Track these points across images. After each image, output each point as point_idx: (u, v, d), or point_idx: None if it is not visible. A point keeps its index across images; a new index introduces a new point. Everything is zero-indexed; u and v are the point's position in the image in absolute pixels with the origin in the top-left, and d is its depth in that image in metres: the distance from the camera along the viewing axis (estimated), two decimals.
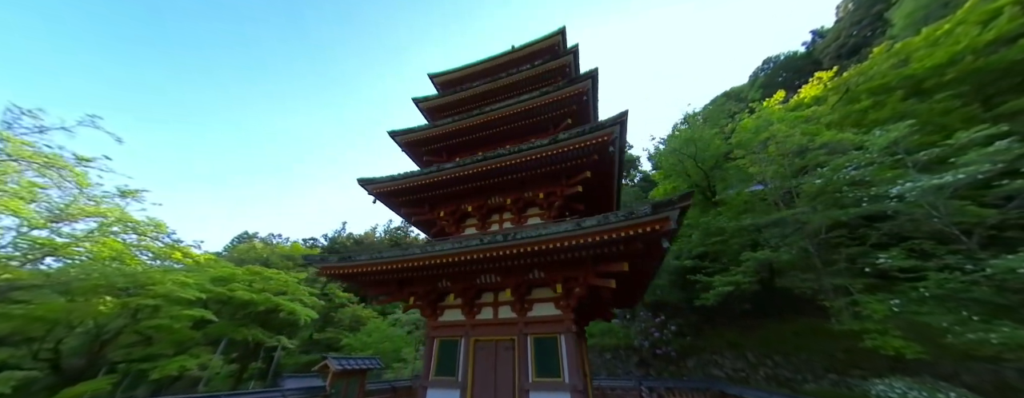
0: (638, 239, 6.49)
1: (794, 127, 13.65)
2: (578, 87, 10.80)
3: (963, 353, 9.61)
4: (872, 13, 28.92)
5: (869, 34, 28.66)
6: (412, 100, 15.31)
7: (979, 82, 14.27)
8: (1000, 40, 14.42)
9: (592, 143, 8.76)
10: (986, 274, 7.59)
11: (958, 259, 8.51)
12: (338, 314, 25.70)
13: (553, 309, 8.55)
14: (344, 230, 58.08)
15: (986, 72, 14.37)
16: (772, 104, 18.76)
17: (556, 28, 14.84)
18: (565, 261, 7.73)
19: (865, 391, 9.11)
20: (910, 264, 9.05)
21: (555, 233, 6.72)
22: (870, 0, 30.27)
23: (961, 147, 9.33)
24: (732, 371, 12.70)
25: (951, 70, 15.23)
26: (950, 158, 9.67)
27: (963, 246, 8.96)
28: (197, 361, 15.56)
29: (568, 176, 9.94)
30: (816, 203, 11.91)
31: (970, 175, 8.31)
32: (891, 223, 10.60)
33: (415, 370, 18.26)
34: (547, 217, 10.63)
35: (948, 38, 16.21)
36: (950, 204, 9.33)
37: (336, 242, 51.10)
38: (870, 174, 10.99)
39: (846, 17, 32.94)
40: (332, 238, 54.38)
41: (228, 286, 17.95)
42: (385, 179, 10.95)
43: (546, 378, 7.55)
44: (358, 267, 8.54)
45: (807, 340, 12.00)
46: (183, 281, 15.22)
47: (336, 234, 56.32)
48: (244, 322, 18.88)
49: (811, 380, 11.13)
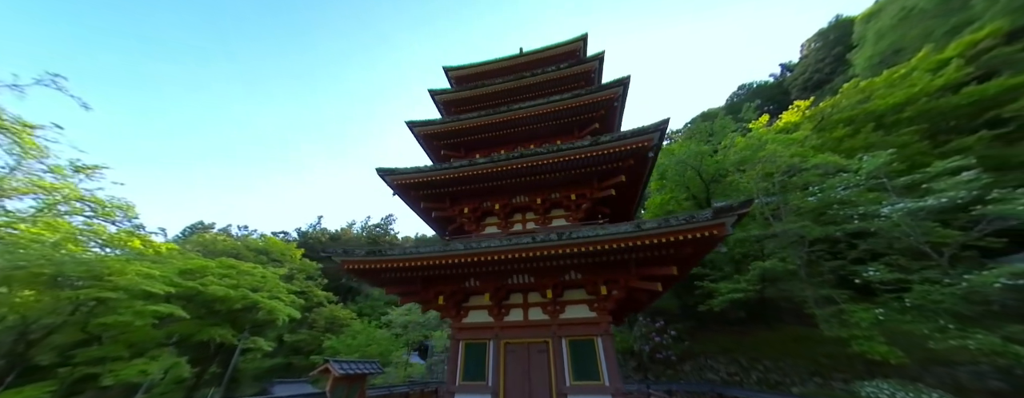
0: (691, 243, 6.65)
1: (788, 148, 14.91)
2: (610, 92, 11.00)
3: (925, 358, 10.88)
4: (833, 54, 32.75)
5: (830, 72, 32.38)
6: (428, 91, 14.77)
7: (932, 120, 16.50)
8: (949, 86, 16.85)
9: (632, 147, 8.91)
10: (963, 287, 8.66)
11: (935, 274, 9.66)
12: (313, 315, 23.72)
13: (587, 311, 8.51)
14: (319, 224, 54.20)
15: (936, 113, 16.68)
16: (758, 127, 20.43)
17: (578, 34, 15.09)
18: (610, 263, 7.74)
19: (854, 392, 9.97)
20: (894, 277, 10.11)
21: (615, 233, 6.70)
22: (832, 42, 34.28)
23: (936, 175, 10.67)
24: (726, 375, 13.43)
25: (909, 109, 17.49)
26: (923, 184, 11.04)
27: (935, 262, 10.20)
28: (158, 365, 13.48)
29: (600, 179, 10.03)
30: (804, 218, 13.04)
31: (951, 200, 9.50)
32: (872, 240, 11.83)
33: (409, 375, 17.23)
34: (572, 219, 10.62)
35: (904, 81, 18.66)
36: (924, 225, 10.59)
37: (309, 237, 47.40)
38: (855, 195, 12.23)
39: (811, 55, 37.03)
40: (305, 233, 50.29)
41: (200, 280, 15.82)
42: (409, 171, 10.38)
43: (585, 382, 7.45)
44: (387, 262, 7.94)
45: (793, 346, 13.01)
46: (148, 272, 13.18)
47: (310, 229, 52.33)
48: (215, 321, 16.68)
49: (798, 383, 12.05)
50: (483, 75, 15.77)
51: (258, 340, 18.62)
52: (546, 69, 13.49)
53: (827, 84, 30.40)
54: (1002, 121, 14.94)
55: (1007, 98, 15.51)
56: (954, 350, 8.52)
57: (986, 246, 10.23)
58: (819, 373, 11.93)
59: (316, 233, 49.82)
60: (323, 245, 45.95)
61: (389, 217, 55.96)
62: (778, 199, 13.33)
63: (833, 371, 11.73)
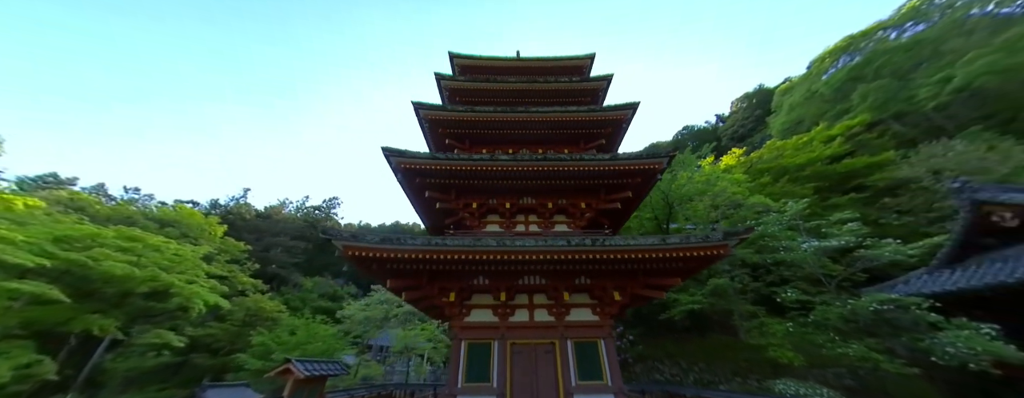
0: (700, 260, 7.63)
1: (733, 186, 17.99)
2: (622, 112, 11.90)
3: (808, 362, 14.08)
4: (755, 115, 40.70)
5: (752, 128, 40.11)
6: (434, 74, 13.95)
7: (823, 179, 21.53)
8: (835, 156, 22.28)
9: (645, 167, 9.81)
10: (847, 309, 11.54)
11: (828, 298, 12.65)
12: (231, 305, 19.47)
13: (590, 314, 9.00)
14: (244, 197, 44.62)
15: (826, 174, 21.85)
16: (706, 164, 24.13)
17: (587, 53, 15.90)
18: (623, 271, 8.34)
19: (766, 388, 12.38)
20: (803, 298, 12.94)
21: (643, 245, 7.29)
22: (754, 105, 42.54)
23: (833, 223, 14.03)
24: (670, 376, 15.39)
25: (808, 169, 22.56)
26: (822, 229, 14.40)
27: (826, 289, 13.36)
28: (11, 363, 9.48)
29: (608, 191, 10.74)
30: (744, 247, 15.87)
31: (844, 243, 12.60)
32: (785, 269, 14.94)
33: (365, 376, 15.34)
34: (574, 226, 11.14)
35: (806, 147, 24.05)
36: (822, 260, 13.81)
37: (231, 212, 38.68)
38: (779, 232, 15.31)
39: (739, 112, 45.39)
40: (224, 206, 40.83)
41: (88, 253, 11.65)
42: (422, 156, 9.65)
43: (589, 381, 7.86)
44: (404, 252, 7.24)
45: (721, 352, 15.56)
46: (7, 237, 9.29)
47: (232, 202, 42.60)
48: (98, 306, 12.38)
49: (724, 382, 14.45)
50: (489, 69, 15.51)
51: (164, 334, 14.58)
52: (559, 79, 13.94)
53: (749, 138, 37.46)
54: (864, 187, 20.30)
55: (865, 172, 21.18)
56: (839, 356, 11.26)
57: (854, 279, 13.82)
58: (739, 374, 14.49)
59: (239, 208, 41.03)
60: (247, 222, 38.77)
61: (333, 200, 49.67)
62: (708, 227, 15.97)
63: (750, 372, 14.36)
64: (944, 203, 16.32)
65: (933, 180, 17.91)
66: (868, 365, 10.87)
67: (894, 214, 18.40)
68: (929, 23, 25.16)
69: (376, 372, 15.89)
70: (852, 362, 11.21)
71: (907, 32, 26.33)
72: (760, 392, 11.90)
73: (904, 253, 12.26)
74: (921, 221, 17.33)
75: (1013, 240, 11.54)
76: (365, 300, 20.07)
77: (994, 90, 20.63)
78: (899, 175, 19.33)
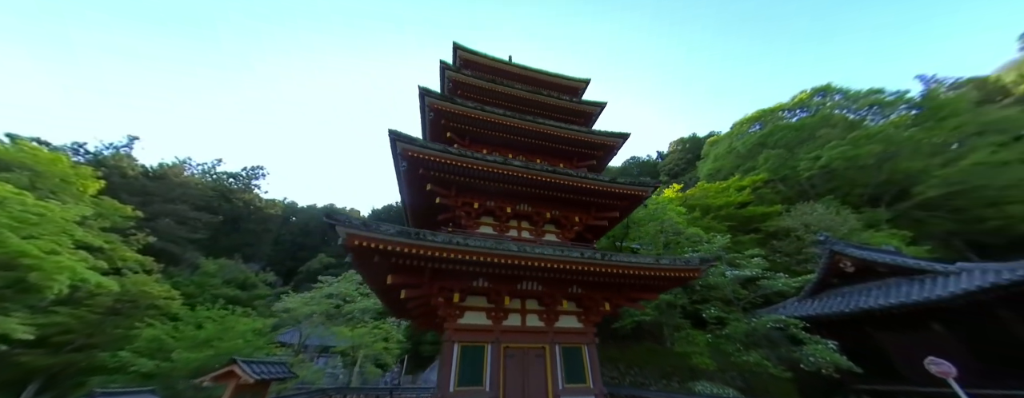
0: (677, 280, 8.91)
1: (679, 216, 21.08)
2: (616, 139, 13.12)
3: (719, 367, 17.12)
4: (687, 157, 48.33)
5: (685, 168, 47.45)
6: (440, 62, 13.41)
7: (735, 221, 26.55)
8: (742, 203, 27.73)
9: (635, 193, 11.02)
10: (751, 325, 14.53)
11: (737, 315, 15.70)
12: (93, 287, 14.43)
13: (575, 322, 9.63)
14: (129, 147, 33.14)
15: (737, 217, 27.02)
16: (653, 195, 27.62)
17: (584, 77, 17.08)
18: (611, 284, 9.19)
19: (688, 388, 14.68)
20: (720, 315, 15.80)
21: (640, 263, 8.20)
22: (687, 149, 50.47)
23: (747, 256, 17.53)
24: (610, 379, 17.00)
25: (725, 210, 27.58)
26: (737, 261, 17.86)
27: (736, 308, 16.56)
28: None
29: (599, 209, 11.67)
30: None
31: (754, 273, 15.87)
32: (709, 291, 18.02)
33: (305, 379, 12.85)
34: (563, 237, 11.80)
35: (724, 192, 29.39)
36: (734, 286, 17.10)
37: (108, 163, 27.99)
38: None
39: (675, 153, 53.35)
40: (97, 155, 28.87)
41: None
42: (433, 148, 9.19)
43: (575, 384, 8.41)
44: (422, 248, 6.80)
45: (651, 357, 17.90)
46: None
47: (109, 150, 31.19)
48: None
49: (653, 384, 16.63)
50: (489, 69, 15.50)
51: (7, 322, 10.00)
52: (561, 96, 14.68)
53: (682, 175, 44.16)
54: (760, 230, 25.69)
55: (761, 218, 26.86)
56: (742, 362, 14.05)
57: (754, 302, 17.45)
58: (665, 377, 16.88)
59: (117, 160, 30.41)
60: (128, 181, 30.15)
61: (256, 169, 41.22)
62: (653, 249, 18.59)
63: (673, 375, 16.84)
64: (809, 250, 21.75)
65: (804, 231, 23.74)
66: (760, 370, 13.77)
67: (777, 253, 23.78)
68: (810, 112, 33.44)
69: (317, 377, 13.73)
70: (749, 367, 14.08)
71: (796, 116, 34.49)
72: (684, 392, 14.10)
73: (790, 285, 15.98)
74: (793, 261, 22.75)
75: (850, 281, 16.02)
76: (311, 294, 17.23)
77: (841, 172, 28.37)
78: (783, 224, 25.09)
